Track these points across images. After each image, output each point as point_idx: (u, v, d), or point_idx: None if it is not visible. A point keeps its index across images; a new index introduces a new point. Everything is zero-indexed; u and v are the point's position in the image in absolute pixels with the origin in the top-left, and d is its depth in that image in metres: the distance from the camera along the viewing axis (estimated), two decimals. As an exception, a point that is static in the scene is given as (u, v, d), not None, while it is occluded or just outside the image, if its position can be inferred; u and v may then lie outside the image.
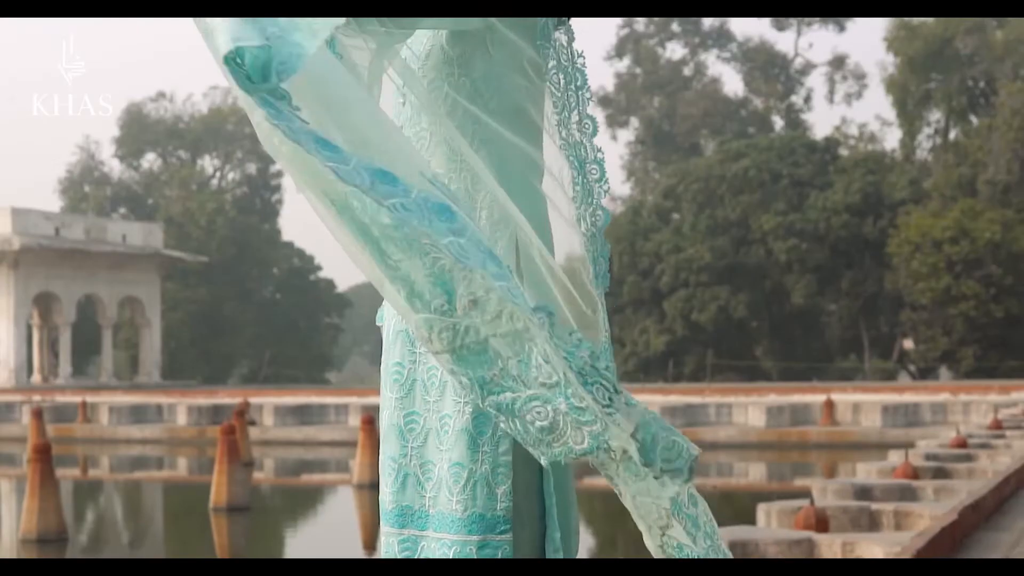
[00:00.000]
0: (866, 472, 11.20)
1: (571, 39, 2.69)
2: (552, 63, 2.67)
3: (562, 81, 2.67)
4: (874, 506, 8.66)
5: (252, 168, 59.74)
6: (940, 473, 10.86)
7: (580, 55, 2.70)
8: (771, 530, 7.93)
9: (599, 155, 2.69)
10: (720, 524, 2.62)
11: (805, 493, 10.83)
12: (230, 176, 61.02)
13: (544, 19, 2.65)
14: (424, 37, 2.68)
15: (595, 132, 2.69)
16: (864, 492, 9.49)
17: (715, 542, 2.47)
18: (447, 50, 2.65)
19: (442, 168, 2.60)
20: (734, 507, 15.07)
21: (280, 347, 54.85)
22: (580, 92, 2.68)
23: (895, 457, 12.31)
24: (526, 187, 2.63)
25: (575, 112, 2.68)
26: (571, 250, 2.65)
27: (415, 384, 2.64)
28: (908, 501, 9.16)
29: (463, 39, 2.64)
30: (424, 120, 2.65)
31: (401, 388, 2.65)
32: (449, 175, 2.59)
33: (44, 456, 13.03)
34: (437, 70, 2.66)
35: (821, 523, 7.73)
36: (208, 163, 61.24)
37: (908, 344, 45.08)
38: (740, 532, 7.43)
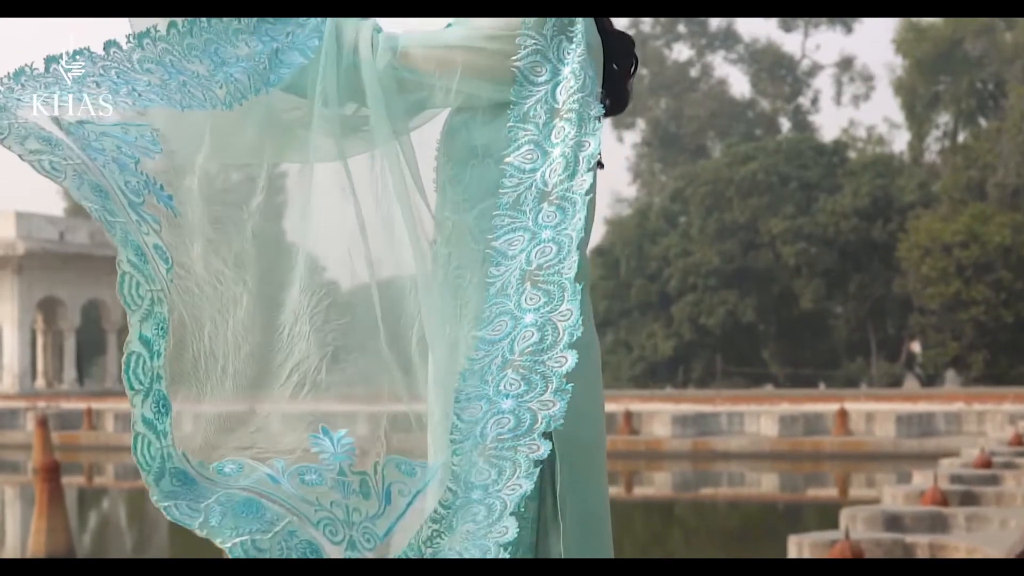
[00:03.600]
0: (892, 496, 10.97)
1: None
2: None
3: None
4: (908, 538, 8.46)
5: (256, 169, 59.63)
6: (968, 498, 10.64)
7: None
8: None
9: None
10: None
11: (824, 504, 10.64)
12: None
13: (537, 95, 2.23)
14: (445, 122, 2.37)
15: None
16: (894, 521, 9.27)
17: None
18: (473, 133, 2.30)
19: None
20: (756, 527, 14.83)
21: (284, 349, 54.70)
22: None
23: (919, 479, 12.09)
24: None
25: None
26: None
27: None
28: (941, 532, 8.99)
29: (496, 114, 2.26)
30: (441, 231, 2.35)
31: None
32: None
33: (52, 475, 12.75)
34: (459, 161, 2.33)
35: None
36: (212, 164, 61.14)
37: (915, 347, 44.86)
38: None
